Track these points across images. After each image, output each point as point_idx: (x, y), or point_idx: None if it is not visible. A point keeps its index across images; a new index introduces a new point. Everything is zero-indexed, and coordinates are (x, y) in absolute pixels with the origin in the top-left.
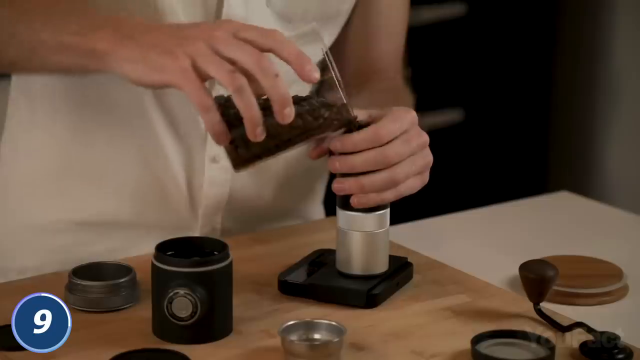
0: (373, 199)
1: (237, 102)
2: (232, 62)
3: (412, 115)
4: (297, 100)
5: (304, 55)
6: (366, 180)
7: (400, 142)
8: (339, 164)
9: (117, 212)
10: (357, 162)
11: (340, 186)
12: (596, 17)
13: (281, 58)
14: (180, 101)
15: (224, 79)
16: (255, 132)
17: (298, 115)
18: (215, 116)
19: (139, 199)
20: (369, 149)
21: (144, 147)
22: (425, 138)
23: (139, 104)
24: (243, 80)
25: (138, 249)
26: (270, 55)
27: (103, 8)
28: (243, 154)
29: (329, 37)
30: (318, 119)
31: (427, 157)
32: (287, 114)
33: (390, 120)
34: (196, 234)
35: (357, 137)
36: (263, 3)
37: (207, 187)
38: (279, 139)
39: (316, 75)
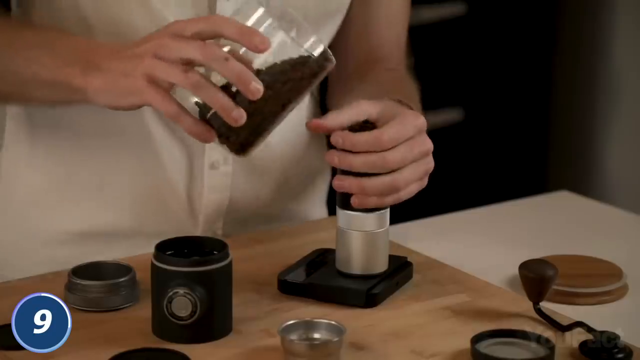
0: (373, 201)
1: (201, 97)
2: (186, 62)
3: (421, 121)
4: (269, 71)
5: (247, 29)
6: (367, 182)
7: (402, 149)
8: (337, 160)
9: (118, 222)
10: (356, 162)
11: (341, 183)
12: (596, 16)
13: (227, 39)
14: None
15: (180, 81)
16: (232, 117)
17: (267, 86)
18: (187, 120)
19: (139, 208)
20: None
21: (142, 156)
22: (429, 146)
23: (137, 113)
24: (197, 77)
25: None
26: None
27: (100, 20)
28: (235, 140)
29: (330, 32)
30: (287, 83)
31: (429, 165)
32: (253, 90)
33: (396, 125)
34: None
35: (359, 138)
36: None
37: (207, 194)
38: (260, 115)
39: (265, 44)
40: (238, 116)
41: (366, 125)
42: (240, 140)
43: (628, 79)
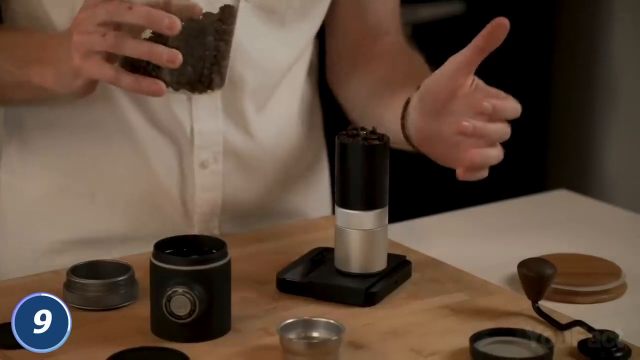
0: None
1: (126, 54)
2: (105, 26)
3: None
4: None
5: None
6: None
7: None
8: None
9: (114, 228)
10: (508, 105)
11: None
12: (594, 15)
13: None
14: (164, 108)
15: (100, 47)
16: (166, 59)
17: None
18: (127, 79)
19: (133, 213)
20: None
21: (132, 159)
22: None
23: (122, 120)
24: (112, 37)
25: None
26: None
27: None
28: (187, 81)
29: (319, 15)
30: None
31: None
32: (169, 25)
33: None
34: None
35: (508, 105)
36: None
37: (199, 194)
38: (194, 51)
39: None
40: (171, 56)
41: (356, 132)
42: (195, 79)
43: (626, 77)
